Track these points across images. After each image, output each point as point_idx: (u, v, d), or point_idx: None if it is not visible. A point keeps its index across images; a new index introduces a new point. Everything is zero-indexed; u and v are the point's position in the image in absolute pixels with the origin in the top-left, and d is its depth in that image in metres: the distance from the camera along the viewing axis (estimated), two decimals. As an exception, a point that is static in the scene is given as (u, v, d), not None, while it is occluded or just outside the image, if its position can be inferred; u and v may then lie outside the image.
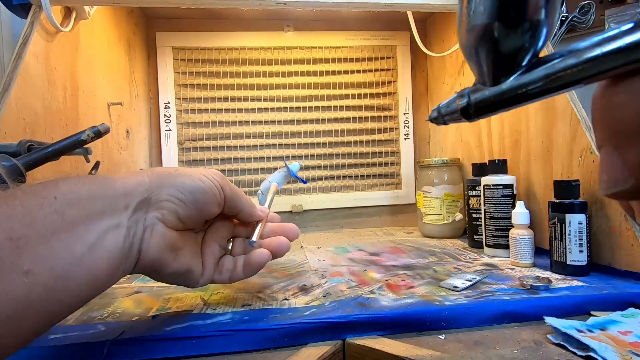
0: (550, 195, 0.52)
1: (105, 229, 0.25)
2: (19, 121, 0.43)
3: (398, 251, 0.61)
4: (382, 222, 0.89)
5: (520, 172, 0.59)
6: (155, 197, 0.29)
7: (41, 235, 0.21)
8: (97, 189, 0.26)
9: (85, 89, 0.57)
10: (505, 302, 0.36)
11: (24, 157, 0.34)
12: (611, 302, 0.37)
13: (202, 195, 0.31)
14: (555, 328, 0.32)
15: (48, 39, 0.48)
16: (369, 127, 0.88)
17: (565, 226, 0.44)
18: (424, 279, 0.45)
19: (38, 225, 0.21)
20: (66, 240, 0.22)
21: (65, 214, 0.23)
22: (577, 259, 0.44)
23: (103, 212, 0.25)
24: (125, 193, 0.27)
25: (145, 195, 0.28)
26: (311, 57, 0.86)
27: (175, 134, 0.82)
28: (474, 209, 0.62)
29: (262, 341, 0.32)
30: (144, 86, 0.81)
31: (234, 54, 0.84)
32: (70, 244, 0.23)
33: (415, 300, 0.37)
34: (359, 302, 0.37)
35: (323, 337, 0.33)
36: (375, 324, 0.33)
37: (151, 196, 0.29)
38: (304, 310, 0.35)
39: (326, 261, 0.56)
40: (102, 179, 0.27)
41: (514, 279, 0.43)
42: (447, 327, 0.34)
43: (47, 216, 0.22)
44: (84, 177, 0.26)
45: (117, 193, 0.27)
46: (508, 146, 0.62)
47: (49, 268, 0.21)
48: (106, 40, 0.64)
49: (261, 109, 0.85)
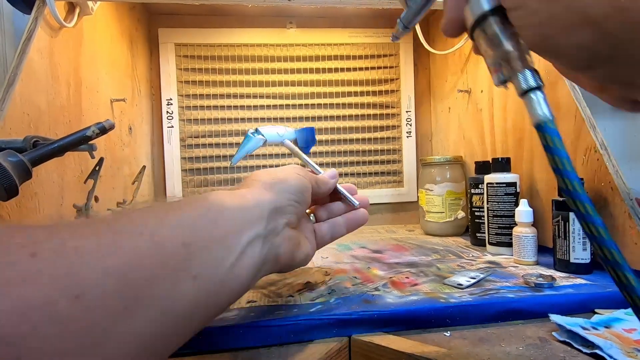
0: (553, 193, 0.53)
1: (249, 239, 0.27)
2: (23, 117, 0.42)
3: (401, 249, 0.61)
4: (383, 220, 0.89)
5: (524, 170, 0.59)
6: (279, 204, 0.31)
7: (204, 244, 0.22)
8: (237, 201, 0.27)
9: (89, 85, 0.57)
10: (510, 299, 0.36)
11: (30, 153, 0.34)
12: (615, 300, 0.37)
13: (306, 192, 0.35)
14: (560, 325, 0.32)
15: (52, 34, 0.48)
16: (371, 125, 0.88)
17: (569, 224, 0.44)
18: (428, 276, 0.45)
19: (202, 234, 0.23)
20: (222, 249, 0.24)
21: (218, 224, 0.24)
22: (581, 257, 0.44)
23: (245, 224, 0.27)
24: (257, 204, 0.29)
25: (273, 205, 0.30)
26: (314, 55, 0.86)
27: (178, 130, 0.82)
28: (476, 207, 0.62)
29: (268, 337, 0.32)
30: (146, 82, 0.81)
31: (237, 51, 0.84)
32: (225, 253, 0.24)
33: (420, 297, 0.38)
34: (364, 299, 0.37)
35: (329, 334, 0.33)
36: (381, 321, 0.34)
37: (277, 205, 0.31)
38: (310, 307, 0.36)
39: (329, 258, 0.56)
40: (232, 193, 0.29)
41: (518, 277, 0.43)
42: (452, 324, 0.35)
43: (207, 225, 0.23)
44: (218, 193, 0.28)
45: (251, 205, 0.28)
46: (511, 144, 0.62)
47: (211, 274, 0.22)
48: (109, 36, 0.64)
49: (264, 106, 0.85)
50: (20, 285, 0.14)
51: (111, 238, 0.18)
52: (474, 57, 0.74)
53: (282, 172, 0.34)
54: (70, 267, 0.16)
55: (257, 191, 0.30)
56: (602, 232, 0.17)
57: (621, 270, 0.17)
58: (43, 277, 0.15)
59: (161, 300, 0.19)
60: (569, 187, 0.18)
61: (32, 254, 0.15)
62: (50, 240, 0.16)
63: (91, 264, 0.16)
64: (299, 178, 0.34)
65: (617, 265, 0.17)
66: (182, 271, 0.20)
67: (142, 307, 0.18)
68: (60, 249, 0.16)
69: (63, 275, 0.15)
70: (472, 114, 0.74)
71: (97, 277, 0.16)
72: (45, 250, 0.15)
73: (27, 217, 0.41)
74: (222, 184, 0.83)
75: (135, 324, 0.17)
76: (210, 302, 0.23)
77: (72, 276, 0.15)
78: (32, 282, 0.14)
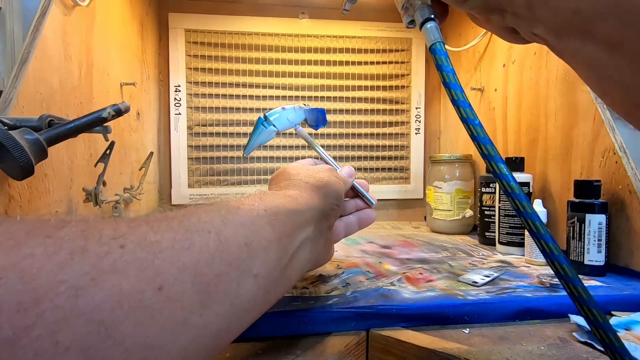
0: (567, 194, 0.52)
1: (301, 241, 0.27)
2: (36, 95, 0.41)
3: (409, 245, 0.61)
4: (388, 216, 0.89)
5: (537, 171, 0.58)
6: (324, 208, 0.32)
7: (262, 244, 0.23)
8: (289, 203, 0.28)
9: (100, 67, 0.55)
10: (528, 299, 0.36)
11: (46, 132, 0.33)
12: (632, 302, 0.37)
13: (342, 195, 0.36)
14: (580, 326, 0.32)
15: (65, 12, 0.47)
16: (380, 120, 0.87)
17: (584, 226, 0.44)
18: (441, 273, 0.45)
19: (259, 235, 0.23)
20: (277, 250, 0.24)
21: (274, 226, 0.25)
22: (595, 259, 0.44)
23: (298, 227, 0.27)
24: (308, 208, 0.29)
25: (321, 208, 0.31)
26: (325, 46, 0.85)
27: (185, 118, 0.81)
28: (486, 206, 0.62)
29: (286, 328, 0.32)
30: (155, 68, 0.80)
31: (247, 39, 0.83)
32: (281, 254, 0.25)
33: (436, 293, 0.37)
34: (381, 294, 0.37)
35: (347, 327, 0.33)
36: (400, 316, 0.33)
37: (324, 208, 0.31)
38: (326, 300, 0.35)
39: (339, 252, 0.55)
40: (285, 195, 0.29)
41: (532, 277, 0.43)
42: (470, 322, 0.34)
43: (264, 226, 0.24)
44: (273, 194, 0.28)
45: (303, 208, 0.29)
46: (524, 144, 0.62)
47: (267, 274, 0.23)
48: (120, 18, 0.63)
49: (272, 96, 0.84)
50: (113, 274, 0.15)
51: (184, 234, 0.18)
52: (487, 55, 0.73)
53: (324, 175, 0.34)
54: (153, 261, 0.16)
55: (307, 194, 0.31)
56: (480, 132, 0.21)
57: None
58: (131, 268, 0.15)
59: (228, 296, 0.20)
60: (454, 97, 0.21)
61: (121, 245, 0.16)
62: (133, 233, 0.17)
63: (169, 259, 0.17)
64: (338, 182, 0.35)
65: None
66: (245, 269, 0.21)
67: (213, 301, 0.18)
68: (143, 243, 0.17)
69: (147, 268, 0.16)
70: (484, 113, 0.73)
71: (175, 271, 0.17)
72: (131, 243, 0.16)
73: (37, 199, 0.40)
74: (228, 174, 0.83)
75: (207, 318, 0.18)
76: (265, 300, 0.24)
77: (155, 269, 0.16)
78: (122, 272, 0.15)
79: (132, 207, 0.65)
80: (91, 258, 0.15)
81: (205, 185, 0.82)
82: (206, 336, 0.18)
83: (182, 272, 0.17)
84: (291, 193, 0.29)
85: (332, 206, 0.33)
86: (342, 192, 0.35)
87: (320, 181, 0.33)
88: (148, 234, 0.17)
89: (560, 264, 0.20)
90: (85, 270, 0.14)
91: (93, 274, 0.14)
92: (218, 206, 0.23)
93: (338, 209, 0.34)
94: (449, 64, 0.22)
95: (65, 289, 0.13)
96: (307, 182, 0.32)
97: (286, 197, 0.28)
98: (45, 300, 0.13)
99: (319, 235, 0.31)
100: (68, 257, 0.14)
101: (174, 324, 0.16)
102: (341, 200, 0.35)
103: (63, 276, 0.14)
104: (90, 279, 0.14)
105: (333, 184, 0.34)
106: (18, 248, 0.13)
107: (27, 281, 0.13)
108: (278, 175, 0.36)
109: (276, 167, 0.83)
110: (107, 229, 0.16)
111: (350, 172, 0.41)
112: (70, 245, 0.14)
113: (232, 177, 0.83)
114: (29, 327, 0.12)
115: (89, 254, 0.15)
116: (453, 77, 0.22)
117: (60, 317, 0.13)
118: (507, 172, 0.21)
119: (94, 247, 0.15)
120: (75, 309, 0.13)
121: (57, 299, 0.13)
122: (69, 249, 0.14)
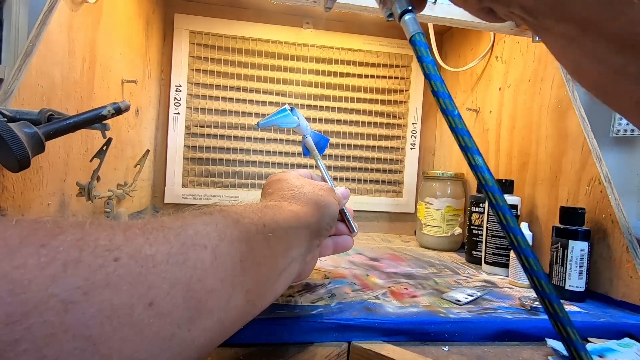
0: (553, 219, 0.54)
1: (292, 258, 0.27)
2: (37, 88, 0.42)
3: (397, 259, 0.62)
4: (379, 228, 0.90)
5: (525, 194, 0.60)
6: (320, 227, 0.32)
7: (256, 260, 0.23)
8: (291, 219, 0.28)
9: (102, 63, 0.56)
10: (508, 320, 0.37)
11: (45, 127, 0.34)
12: (608, 330, 0.38)
13: (336, 215, 0.36)
14: (556, 350, 0.33)
15: (73, 8, 0.47)
16: (376, 133, 0.89)
17: (567, 252, 0.45)
18: (426, 289, 0.45)
19: (255, 251, 0.23)
20: (270, 267, 0.25)
21: (270, 242, 0.25)
22: (576, 285, 0.45)
23: (293, 244, 0.27)
24: (306, 226, 0.29)
25: (317, 227, 0.31)
26: (327, 57, 0.86)
27: (184, 118, 0.81)
28: (475, 225, 0.63)
29: (269, 336, 0.32)
30: (157, 66, 0.80)
31: (251, 45, 0.84)
32: (272, 270, 0.25)
33: (419, 310, 0.38)
34: (365, 307, 0.37)
35: (329, 338, 0.33)
36: (381, 330, 0.34)
37: (319, 227, 0.32)
38: (311, 309, 0.36)
39: (327, 261, 0.56)
40: (287, 210, 0.29)
41: (514, 299, 0.44)
42: (450, 340, 0.35)
43: (259, 243, 0.24)
44: (275, 207, 0.28)
45: (301, 225, 0.29)
46: (515, 167, 0.63)
47: (257, 289, 0.23)
48: (126, 16, 0.63)
49: (272, 102, 0.85)
50: (105, 289, 0.15)
51: (179, 249, 0.18)
52: (484, 78, 0.75)
53: (325, 194, 0.34)
54: (146, 276, 0.16)
55: (309, 211, 0.31)
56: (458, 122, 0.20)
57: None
58: (123, 282, 0.15)
59: (217, 311, 0.20)
60: (434, 89, 0.21)
61: (116, 258, 0.15)
62: (128, 245, 0.16)
63: (162, 274, 0.17)
64: (335, 203, 0.35)
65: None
66: (237, 285, 0.21)
67: (202, 317, 0.18)
68: (138, 256, 0.16)
69: (139, 283, 0.16)
70: (478, 134, 0.75)
71: (167, 287, 0.17)
72: (125, 256, 0.16)
73: (30, 191, 0.41)
74: (222, 176, 0.83)
75: (194, 333, 0.18)
76: (251, 313, 0.24)
77: (147, 284, 0.16)
78: (114, 287, 0.15)
79: (125, 203, 0.65)
80: (84, 271, 0.14)
81: (199, 185, 0.82)
82: (192, 350, 0.18)
83: (174, 288, 0.17)
84: (294, 208, 0.30)
85: (327, 226, 0.33)
86: (337, 213, 0.35)
87: (322, 200, 0.33)
88: (144, 246, 0.17)
89: (539, 280, 0.20)
90: (78, 284, 0.14)
91: (85, 288, 0.14)
92: (217, 218, 0.22)
93: (330, 230, 0.35)
94: (429, 55, 0.22)
95: (55, 303, 0.13)
96: (311, 199, 0.32)
97: (289, 211, 0.28)
98: (35, 314, 0.13)
99: (308, 252, 0.31)
100: (61, 270, 0.14)
101: (162, 340, 0.16)
102: (335, 220, 0.35)
103: (54, 289, 0.13)
104: (82, 293, 0.14)
105: (332, 204, 0.34)
106: (11, 257, 0.13)
107: (18, 293, 0.13)
108: (279, 182, 0.35)
109: (270, 173, 0.83)
110: (103, 239, 0.16)
111: (346, 194, 0.41)
112: (64, 256, 0.14)
113: (227, 179, 0.83)
114: (15, 341, 0.12)
115: (83, 266, 0.14)
116: (433, 69, 0.22)
117: (48, 332, 0.13)
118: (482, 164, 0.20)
119: (88, 258, 0.15)
120: (64, 323, 0.13)
121: (46, 313, 0.13)
122: (62, 260, 0.14)
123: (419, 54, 0.22)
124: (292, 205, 0.30)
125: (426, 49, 0.22)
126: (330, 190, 0.36)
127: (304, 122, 0.42)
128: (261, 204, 0.28)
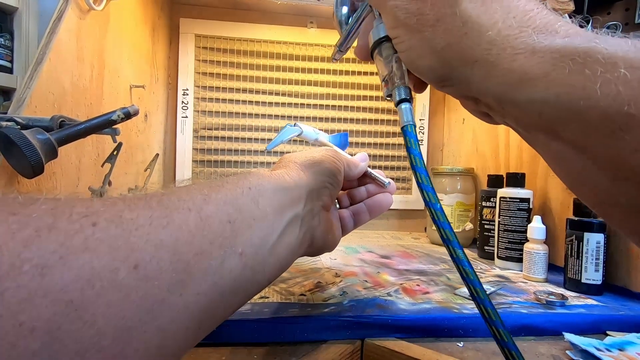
0: (566, 212, 0.53)
1: (289, 219, 0.27)
2: (48, 96, 0.42)
3: (408, 256, 0.61)
4: (389, 226, 0.89)
5: (537, 187, 0.59)
6: (316, 186, 0.31)
7: (247, 222, 0.22)
8: (275, 181, 0.27)
9: (111, 69, 0.57)
10: (523, 315, 0.36)
11: (57, 133, 0.34)
12: (627, 323, 0.37)
13: (339, 174, 0.34)
14: (574, 344, 0.32)
15: (81, 16, 0.48)
16: (384, 130, 0.88)
17: (582, 244, 0.45)
18: (438, 285, 0.45)
19: (244, 212, 0.23)
20: (264, 228, 0.24)
21: (259, 204, 0.24)
22: (592, 278, 0.44)
23: (285, 204, 0.27)
24: (296, 186, 0.29)
25: (311, 186, 0.30)
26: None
27: (192, 121, 0.82)
28: (487, 220, 0.62)
29: (283, 334, 0.32)
30: (164, 71, 0.81)
31: (256, 46, 0.84)
32: (267, 232, 0.24)
33: (432, 306, 0.38)
34: (378, 304, 0.37)
35: (342, 335, 0.33)
36: (395, 327, 0.34)
37: (314, 186, 0.31)
38: (323, 307, 0.36)
39: (338, 260, 0.56)
40: (271, 173, 0.28)
41: (529, 293, 0.43)
42: (464, 335, 0.35)
43: (248, 204, 0.23)
44: (258, 173, 0.27)
45: (291, 186, 0.28)
46: (526, 160, 0.62)
47: (254, 252, 0.23)
48: (133, 22, 0.64)
49: (279, 103, 0.85)
50: (83, 253, 0.14)
51: (162, 212, 0.18)
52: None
53: (317, 154, 0.34)
54: (128, 238, 0.16)
55: (294, 173, 0.30)
56: (440, 216, 0.22)
57: (452, 246, 0.22)
58: (104, 246, 0.15)
59: (210, 275, 0.19)
60: (419, 181, 0.22)
61: (94, 223, 0.15)
62: (108, 211, 0.16)
63: (145, 237, 0.16)
64: (332, 160, 0.34)
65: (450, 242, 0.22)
66: (228, 247, 0.20)
67: (193, 281, 0.18)
68: (118, 220, 0.16)
69: (121, 246, 0.15)
70: (487, 127, 0.74)
71: (152, 249, 0.16)
72: (104, 221, 0.15)
73: (44, 196, 0.41)
74: (231, 178, 0.83)
75: (187, 298, 0.18)
76: (254, 280, 0.23)
77: (130, 246, 0.16)
78: (94, 250, 0.14)
79: (136, 207, 0.66)
80: (60, 236, 0.14)
81: (208, 188, 0.83)
82: (186, 317, 0.18)
83: (160, 250, 0.17)
84: (277, 172, 0.29)
85: (325, 184, 0.32)
86: (337, 170, 0.33)
87: (311, 159, 0.32)
88: (123, 211, 0.16)
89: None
90: (53, 248, 0.14)
91: (61, 252, 0.14)
92: (200, 185, 0.22)
93: (333, 188, 0.33)
94: (417, 148, 0.23)
95: (29, 268, 0.13)
96: (296, 162, 0.31)
97: (271, 175, 0.28)
98: (7, 280, 0.12)
99: (310, 214, 0.30)
100: (34, 235, 0.13)
101: (151, 304, 0.16)
102: (336, 179, 0.33)
103: (27, 254, 0.13)
104: (58, 257, 0.13)
105: (325, 162, 0.33)
106: None
107: None
108: (277, 162, 0.35)
109: (279, 173, 0.83)
110: (79, 207, 0.15)
111: (363, 156, 0.40)
112: (36, 223, 0.14)
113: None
114: None
115: (58, 232, 0.14)
116: (420, 161, 0.22)
117: (23, 297, 0.12)
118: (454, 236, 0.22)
119: (63, 224, 0.14)
120: (41, 288, 0.13)
121: (20, 278, 0.13)
122: (34, 226, 0.14)
123: (408, 145, 0.23)
124: (276, 171, 0.29)
125: (415, 141, 0.23)
126: (327, 150, 0.35)
127: (308, 129, 0.42)
128: (245, 174, 0.27)
